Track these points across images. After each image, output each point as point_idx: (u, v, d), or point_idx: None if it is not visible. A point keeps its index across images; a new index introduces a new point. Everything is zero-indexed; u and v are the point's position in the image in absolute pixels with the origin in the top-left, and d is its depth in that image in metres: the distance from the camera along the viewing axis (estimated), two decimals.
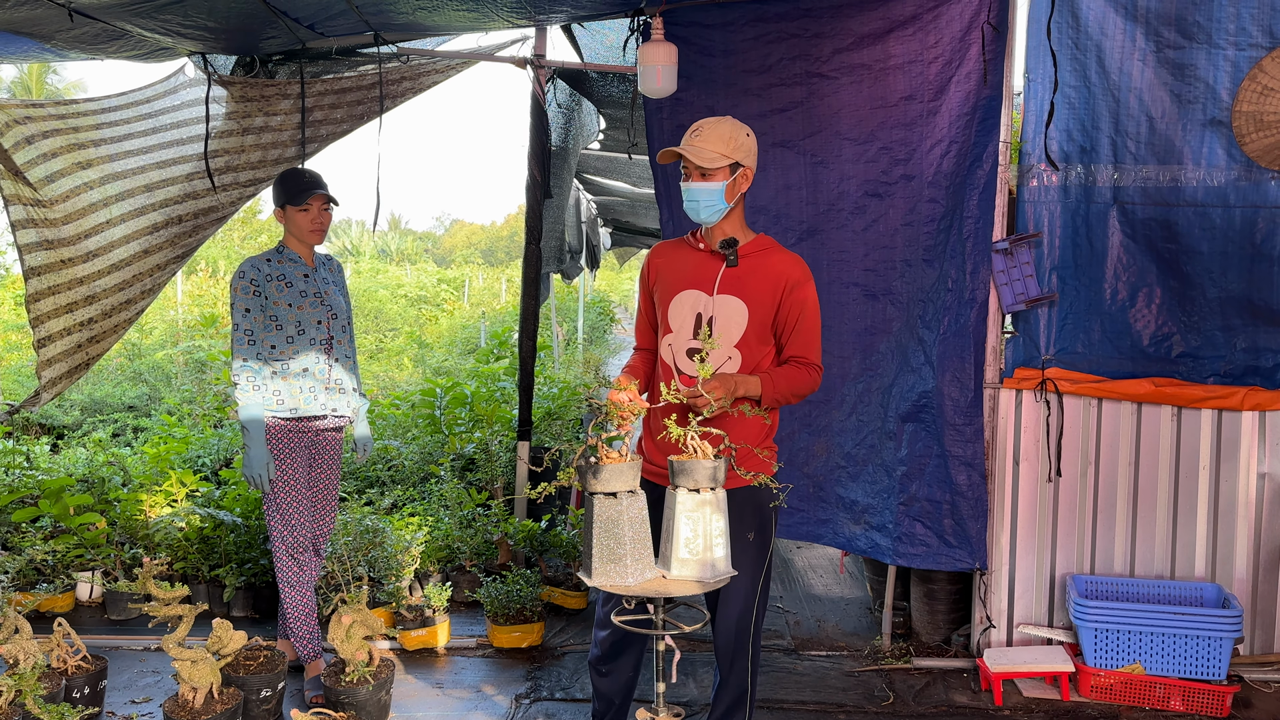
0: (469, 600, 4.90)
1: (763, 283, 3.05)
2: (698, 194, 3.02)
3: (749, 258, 3.10)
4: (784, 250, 3.15)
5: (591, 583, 2.74)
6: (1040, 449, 4.40)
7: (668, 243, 3.32)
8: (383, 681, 3.70)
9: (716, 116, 3.07)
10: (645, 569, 2.79)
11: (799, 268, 3.10)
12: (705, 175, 3.00)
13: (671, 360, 3.16)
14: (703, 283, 3.10)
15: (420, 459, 6.41)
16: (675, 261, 3.19)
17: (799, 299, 3.07)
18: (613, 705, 3.34)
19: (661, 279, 3.22)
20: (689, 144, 3.01)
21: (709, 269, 3.10)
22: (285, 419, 3.99)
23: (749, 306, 3.05)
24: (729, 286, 3.07)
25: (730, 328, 3.06)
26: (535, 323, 5.39)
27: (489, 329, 12.34)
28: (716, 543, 2.75)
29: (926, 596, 4.66)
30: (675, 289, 3.14)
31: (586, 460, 2.79)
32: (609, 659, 3.28)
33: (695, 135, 3.01)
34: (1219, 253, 4.29)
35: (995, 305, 4.38)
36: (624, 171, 8.97)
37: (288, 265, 4.04)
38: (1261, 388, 4.27)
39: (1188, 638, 3.88)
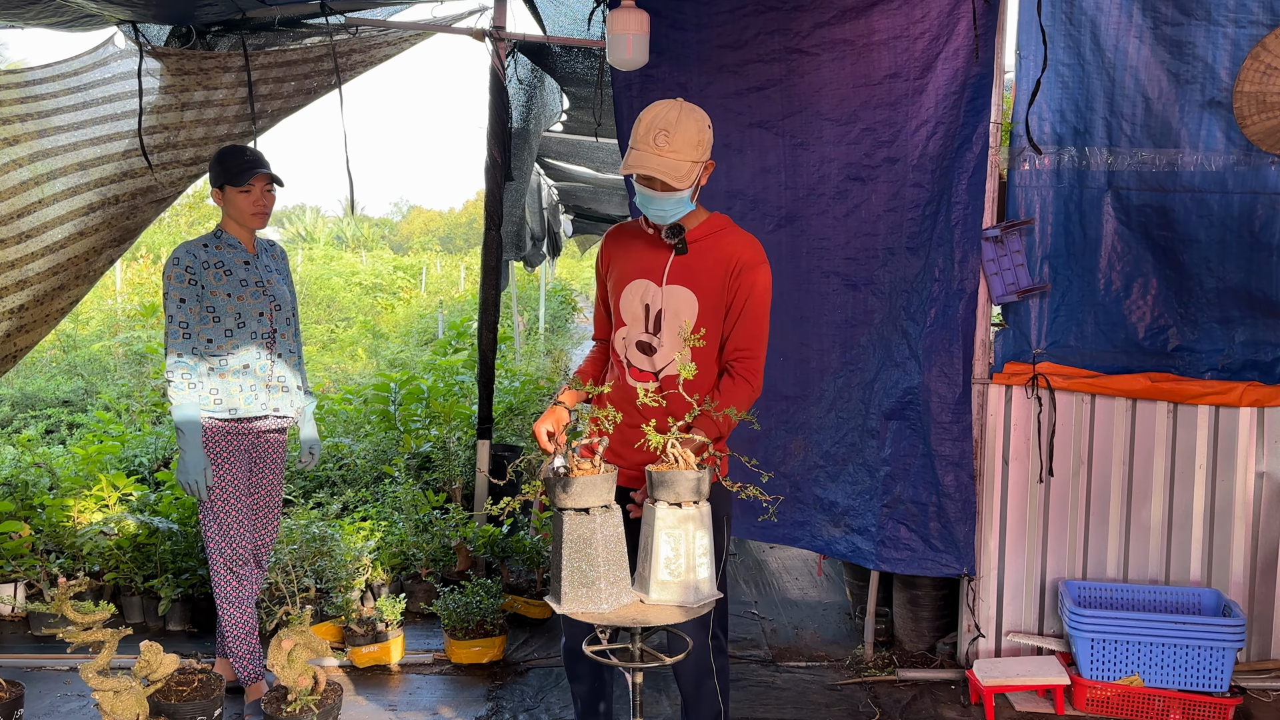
0: (425, 612, 4.59)
1: (713, 267, 2.83)
2: (664, 205, 2.78)
3: (700, 242, 2.86)
4: (738, 231, 2.91)
5: (561, 609, 2.45)
6: (1031, 447, 4.17)
7: (622, 227, 3.07)
8: (329, 709, 3.38)
9: (676, 106, 2.74)
10: (621, 593, 2.51)
11: (751, 250, 2.86)
12: (671, 187, 2.73)
13: (624, 354, 2.94)
14: (652, 272, 2.88)
15: (373, 458, 6.07)
16: (627, 248, 2.97)
17: (748, 281, 2.83)
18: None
19: (614, 267, 2.99)
20: (657, 155, 2.68)
21: (658, 257, 2.88)
22: (223, 420, 3.65)
23: (699, 296, 2.83)
24: (678, 275, 2.85)
25: (680, 319, 2.84)
26: (496, 313, 5.07)
27: (447, 319, 11.97)
28: (700, 562, 2.48)
29: (910, 603, 4.43)
30: (625, 279, 2.93)
31: (555, 472, 2.50)
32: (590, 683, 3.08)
33: (662, 140, 2.68)
34: (1217, 241, 4.09)
35: (984, 296, 4.14)
36: (587, 155, 8.66)
37: (226, 251, 3.69)
38: (1260, 383, 4.08)
39: (1188, 648, 3.68)
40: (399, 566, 4.87)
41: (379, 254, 24.71)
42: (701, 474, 2.43)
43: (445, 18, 5.02)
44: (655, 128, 2.69)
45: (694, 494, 2.45)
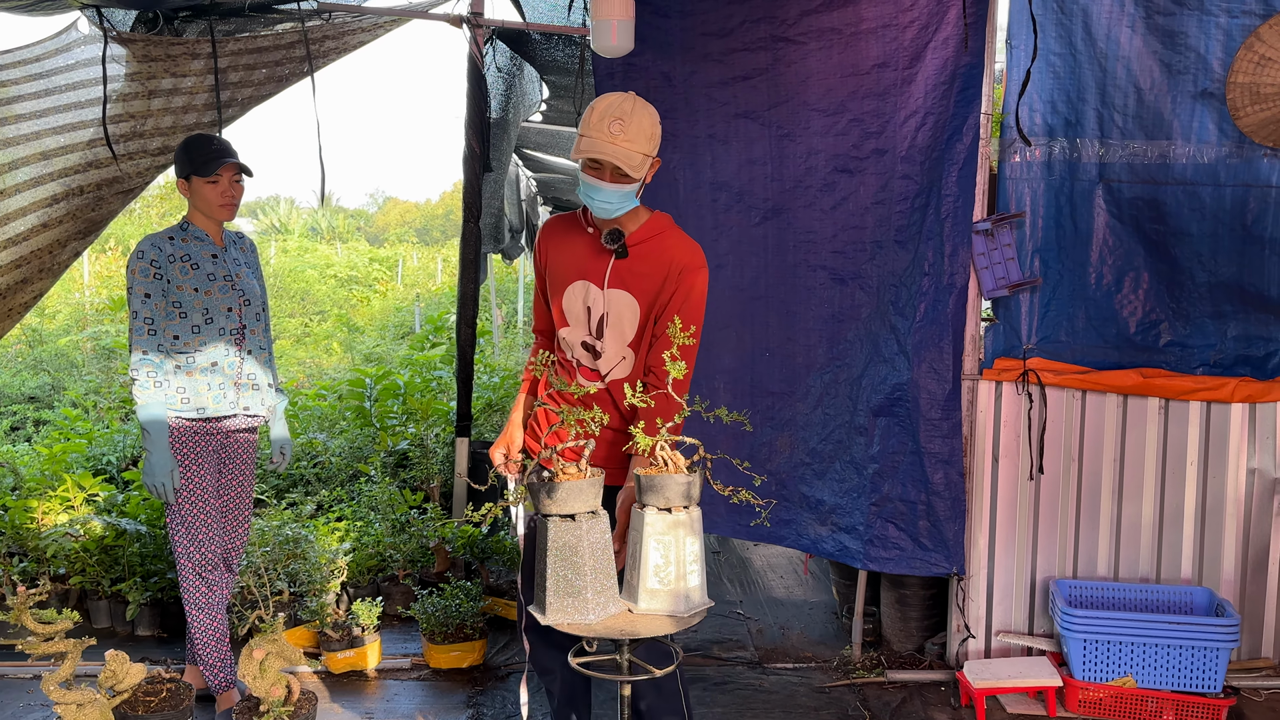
0: (403, 615, 4.47)
1: (653, 271, 2.76)
2: (611, 196, 2.67)
3: (640, 245, 2.77)
4: (679, 234, 2.83)
5: (546, 620, 2.35)
6: (1021, 444, 4.10)
7: (560, 219, 2.95)
8: (305, 718, 3.26)
9: (629, 98, 2.65)
10: (609, 602, 2.41)
11: (690, 254, 2.78)
12: (622, 176, 2.63)
13: (570, 354, 2.87)
14: (592, 274, 2.79)
15: (348, 455, 5.94)
16: (565, 245, 2.87)
17: (684, 287, 2.75)
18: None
19: (552, 264, 2.90)
20: (611, 142, 2.58)
21: (599, 259, 2.79)
22: (191, 419, 3.51)
23: (639, 301, 2.76)
24: (619, 279, 2.77)
25: (622, 325, 2.77)
26: (475, 307, 4.95)
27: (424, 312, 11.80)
28: (691, 570, 2.38)
29: (898, 602, 4.35)
30: (565, 279, 2.84)
31: (538, 476, 2.40)
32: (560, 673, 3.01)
33: (616, 128, 2.59)
34: (1209, 234, 4.03)
35: (974, 291, 4.06)
36: (566, 146, 8.52)
37: (193, 244, 3.55)
38: (1253, 378, 4.02)
39: (1182, 648, 3.62)
40: (375, 568, 4.74)
41: (355, 246, 24.44)
42: (692, 478, 2.33)
43: (421, 3, 4.88)
44: (609, 116, 2.60)
45: (684, 499, 2.35)
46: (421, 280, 19.45)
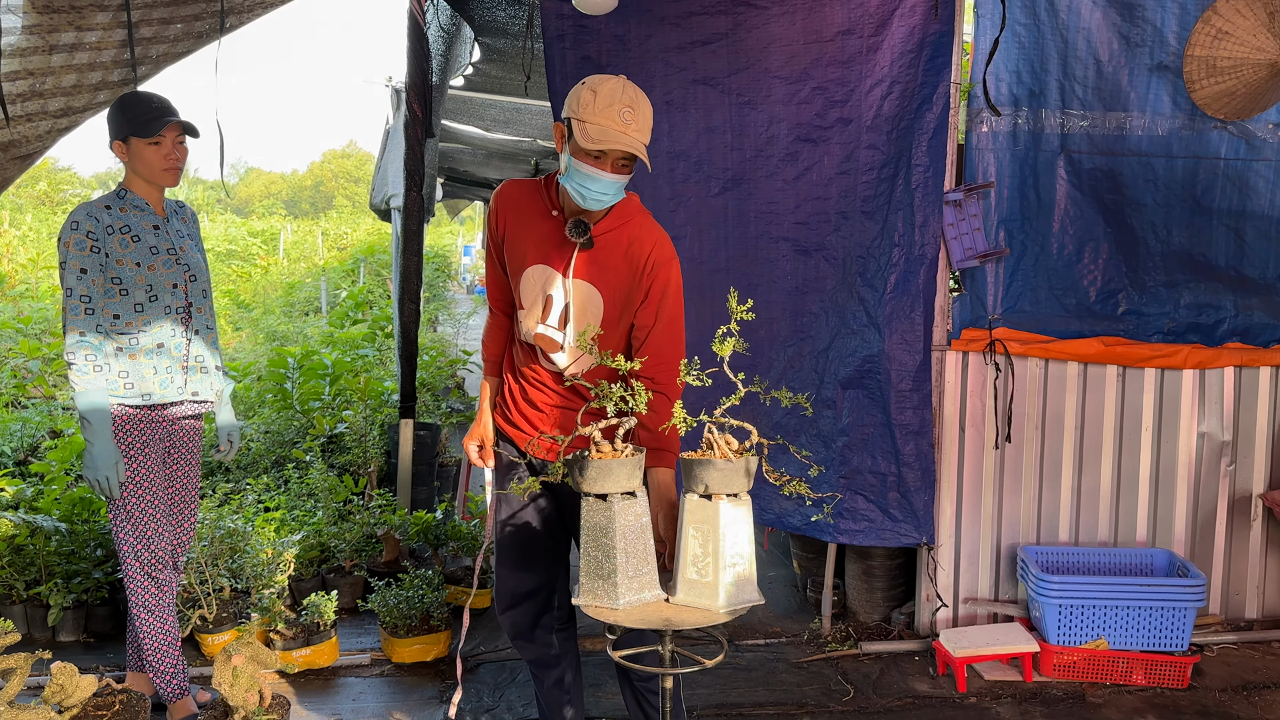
0: (356, 608, 4.22)
1: (620, 263, 2.63)
2: (609, 188, 2.52)
3: (606, 235, 2.64)
4: (648, 222, 2.70)
5: (577, 601, 2.25)
6: (987, 414, 4.14)
7: (518, 188, 2.74)
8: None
9: (629, 84, 2.48)
10: (642, 589, 2.28)
11: (661, 247, 2.66)
12: (624, 167, 2.50)
13: (528, 337, 2.73)
14: (555, 260, 2.65)
15: (270, 441, 5.60)
16: (526, 222, 2.70)
17: (660, 283, 2.65)
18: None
19: (511, 240, 2.72)
20: (625, 131, 2.42)
21: (564, 246, 2.64)
22: (135, 407, 3.20)
23: (604, 295, 2.64)
24: (584, 270, 2.64)
25: (586, 318, 2.65)
26: (419, 281, 4.70)
27: (331, 286, 11.30)
28: (734, 562, 2.24)
29: (864, 574, 4.35)
30: (525, 260, 2.68)
31: (579, 455, 2.26)
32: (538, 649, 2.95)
33: (629, 116, 2.43)
34: (1162, 205, 4.12)
35: (944, 262, 4.06)
36: (479, 114, 8.22)
37: (132, 214, 3.23)
38: (1203, 345, 4.15)
39: (1152, 609, 3.72)
40: (319, 559, 4.48)
41: (227, 219, 23.30)
42: (744, 463, 2.21)
43: None
44: (618, 103, 2.42)
45: (729, 485, 2.23)
46: (305, 254, 18.68)
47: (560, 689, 3.02)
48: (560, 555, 2.96)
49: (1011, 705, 3.63)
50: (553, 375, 2.76)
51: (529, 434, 2.81)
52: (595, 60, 4.19)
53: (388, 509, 4.55)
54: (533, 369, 2.78)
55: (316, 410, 5.49)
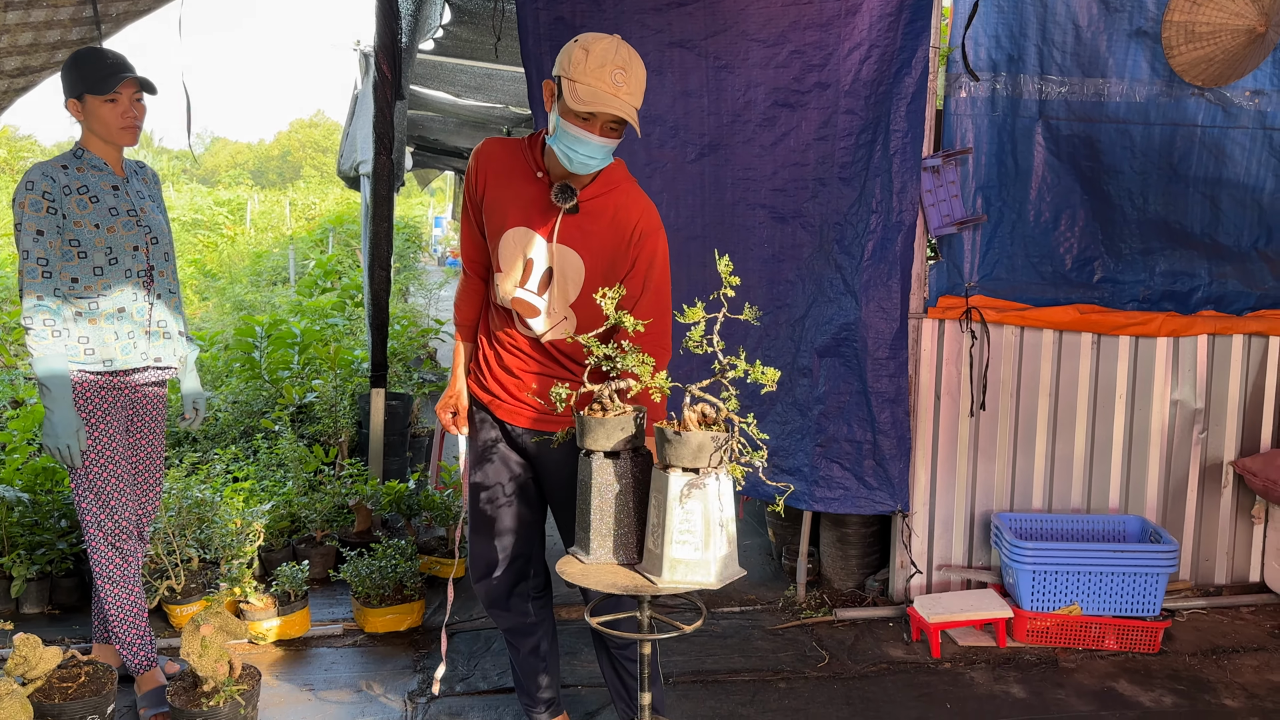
0: (327, 578, 4.16)
1: (605, 231, 2.58)
2: (597, 152, 2.45)
3: (592, 201, 2.58)
4: (634, 190, 2.65)
5: (588, 560, 2.21)
6: (963, 382, 4.13)
7: (500, 146, 2.67)
8: (249, 694, 2.98)
9: (622, 44, 2.41)
10: (615, 549, 2.27)
11: (647, 216, 2.61)
12: (613, 131, 2.43)
13: (506, 301, 2.66)
14: (538, 223, 2.59)
15: (238, 410, 5.51)
16: (508, 182, 2.63)
17: (648, 251, 2.60)
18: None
19: (491, 199, 2.65)
20: (616, 94, 2.35)
21: (548, 210, 2.58)
22: (96, 373, 3.12)
23: (586, 262, 2.59)
24: (567, 236, 2.58)
25: (566, 284, 2.60)
26: (389, 248, 4.62)
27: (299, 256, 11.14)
28: (686, 539, 2.17)
29: (839, 541, 4.35)
30: (505, 221, 2.61)
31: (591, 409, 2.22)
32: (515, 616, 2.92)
33: (620, 78, 2.35)
34: (1139, 172, 4.12)
35: (921, 229, 4.03)
36: (449, 79, 8.08)
37: (90, 174, 3.13)
38: (1177, 313, 4.16)
39: (1125, 575, 3.74)
40: (289, 530, 4.42)
41: (193, 189, 22.92)
42: (698, 437, 2.12)
43: None
44: (610, 64, 2.35)
45: (684, 459, 2.15)
46: (272, 223, 18.41)
47: (536, 657, 2.99)
48: (537, 523, 2.92)
49: (985, 670, 3.65)
50: (529, 341, 2.71)
51: (504, 401, 2.76)
52: (569, 21, 4.10)
53: (359, 479, 4.49)
54: (508, 334, 2.73)
55: (285, 380, 5.40)
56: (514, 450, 2.82)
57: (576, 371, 2.73)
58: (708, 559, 2.12)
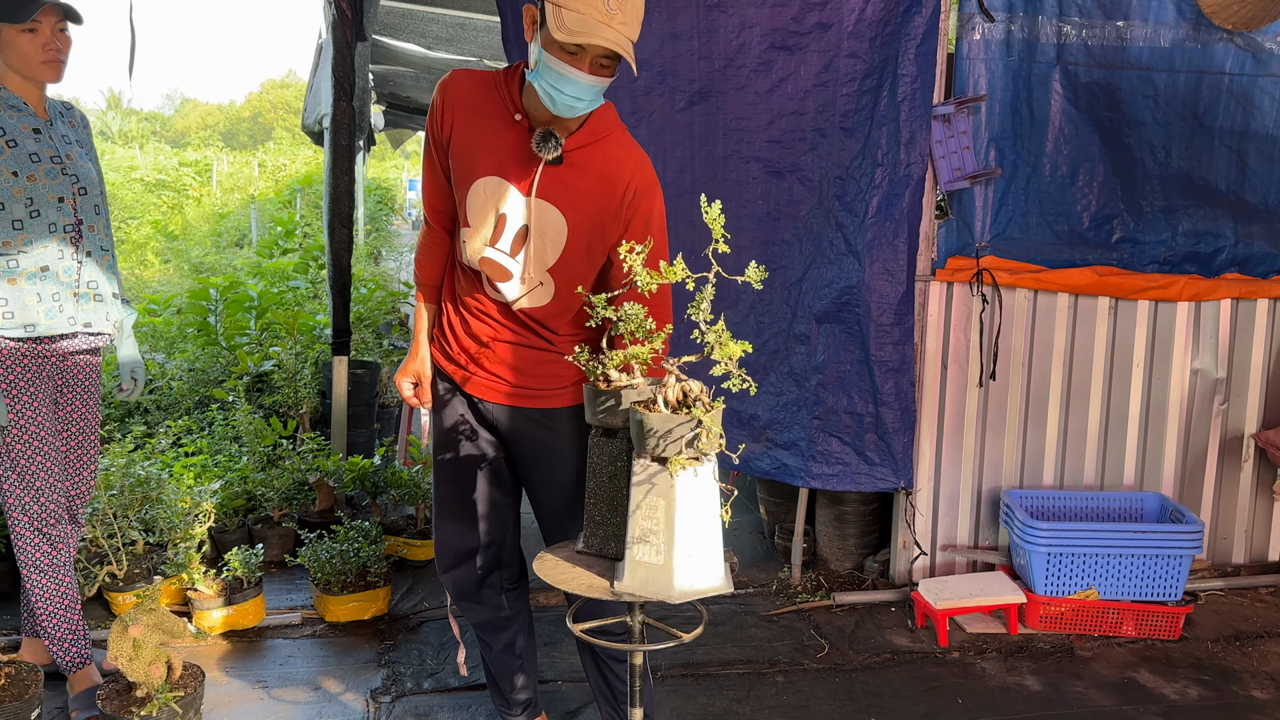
0: (285, 562, 3.85)
1: (593, 187, 2.23)
2: (585, 92, 2.10)
3: (579, 151, 2.23)
4: (627, 140, 2.30)
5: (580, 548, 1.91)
6: (972, 349, 3.84)
7: (470, 78, 2.30)
8: (190, 700, 2.67)
9: None
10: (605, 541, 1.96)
11: (643, 171, 2.27)
12: (604, 68, 2.10)
13: (473, 261, 2.32)
14: (514, 173, 2.23)
15: (193, 379, 5.16)
16: (480, 124, 2.26)
17: (644, 213, 2.27)
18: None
19: (459, 143, 2.28)
20: (608, 24, 2.01)
21: (527, 159, 2.22)
22: (18, 339, 2.78)
23: (569, 222, 2.24)
24: (548, 190, 2.23)
25: (545, 246, 2.26)
26: (351, 204, 4.27)
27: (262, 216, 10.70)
28: (649, 537, 1.80)
29: (836, 520, 4.08)
30: (475, 168, 2.25)
31: None
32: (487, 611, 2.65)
33: (614, 5, 2.01)
34: (1161, 124, 3.82)
35: (930, 184, 3.72)
36: (419, 30, 7.66)
37: (8, 115, 2.76)
38: (1200, 276, 3.88)
39: (1146, 557, 3.48)
40: (244, 509, 4.09)
41: (158, 148, 22.28)
42: (688, 421, 1.78)
43: None
44: None
45: (684, 445, 1.81)
46: (239, 185, 17.88)
47: (511, 654, 2.70)
48: (510, 507, 2.62)
49: (997, 660, 3.39)
50: (499, 307, 2.39)
51: (473, 373, 2.44)
52: None
53: (321, 454, 4.16)
54: (476, 299, 2.40)
55: (243, 346, 5.05)
56: (484, 426, 2.51)
57: (555, 341, 2.41)
58: (670, 566, 1.78)
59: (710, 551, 1.81)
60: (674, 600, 1.79)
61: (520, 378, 2.42)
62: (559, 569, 1.94)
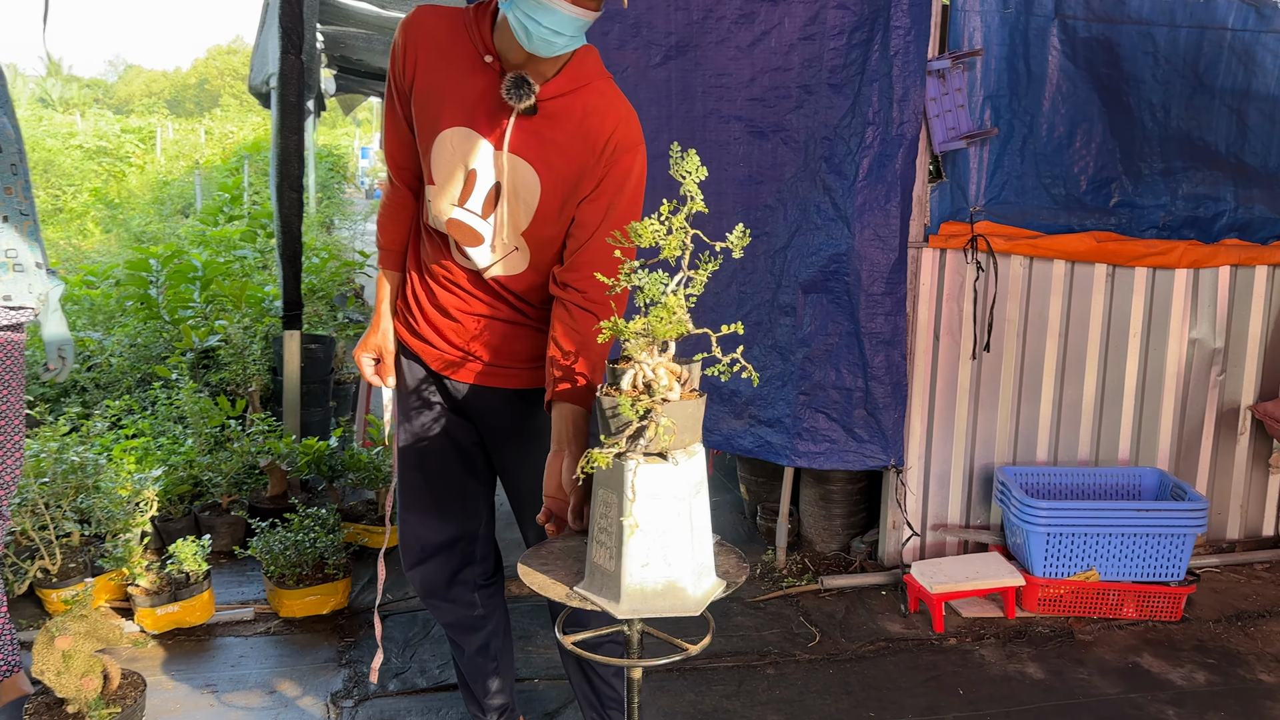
0: (235, 554, 3.57)
1: (570, 141, 1.97)
2: (565, 25, 1.82)
3: (556, 101, 1.96)
4: (611, 90, 2.02)
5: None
6: (965, 319, 3.65)
7: (436, 15, 2.02)
8: (130, 713, 2.42)
9: None
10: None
11: (626, 126, 2.00)
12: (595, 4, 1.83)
13: (439, 222, 2.07)
14: (484, 125, 1.96)
15: (133, 355, 4.83)
16: (447, 65, 1.99)
17: (620, 172, 1.99)
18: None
19: (423, 89, 2.00)
20: None
21: (498, 107, 1.95)
22: None
23: (543, 179, 1.98)
24: (521, 144, 1.96)
25: (518, 206, 2.00)
26: (300, 166, 3.96)
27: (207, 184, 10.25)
28: (603, 539, 1.58)
29: (822, 500, 3.89)
30: (441, 119, 1.99)
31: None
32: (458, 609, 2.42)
33: None
34: (1161, 82, 3.64)
35: (924, 144, 3.51)
36: None
37: None
38: (1199, 242, 3.72)
39: (1149, 536, 3.33)
40: (190, 495, 3.81)
41: (100, 115, 21.48)
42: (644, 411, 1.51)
43: None
44: None
45: (629, 441, 1.53)
46: (185, 152, 17.25)
47: (485, 656, 2.47)
48: (483, 495, 2.38)
49: (995, 646, 3.23)
50: (469, 275, 2.13)
51: (440, 349, 2.19)
52: None
53: (272, 435, 3.88)
54: (444, 266, 2.15)
55: (187, 319, 4.73)
56: (453, 408, 2.26)
57: (531, 315, 2.16)
58: (619, 573, 1.53)
59: (675, 563, 1.56)
60: (619, 615, 1.55)
61: (493, 354, 2.18)
62: (535, 563, 1.70)
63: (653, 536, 1.53)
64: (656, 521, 1.53)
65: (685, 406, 1.53)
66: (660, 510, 1.53)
